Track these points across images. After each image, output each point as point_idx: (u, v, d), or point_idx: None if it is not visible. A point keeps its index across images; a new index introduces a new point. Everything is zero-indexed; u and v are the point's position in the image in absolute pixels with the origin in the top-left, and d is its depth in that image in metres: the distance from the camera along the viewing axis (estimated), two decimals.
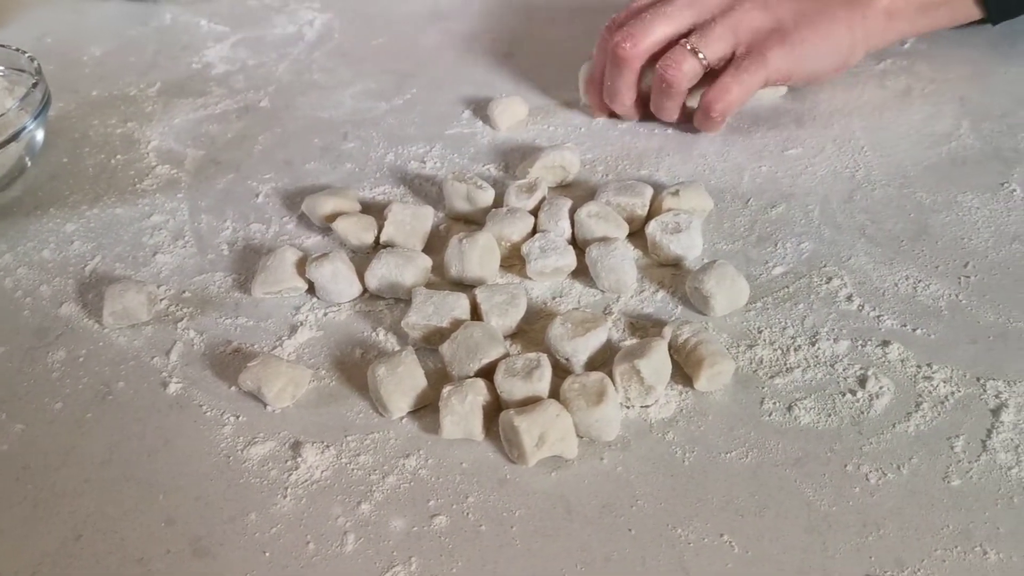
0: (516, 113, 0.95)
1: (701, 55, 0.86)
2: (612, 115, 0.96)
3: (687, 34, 0.87)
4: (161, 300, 0.79)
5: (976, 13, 0.95)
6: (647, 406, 0.68)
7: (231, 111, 1.01)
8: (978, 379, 0.68)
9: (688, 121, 0.93)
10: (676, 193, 0.81)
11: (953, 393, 0.67)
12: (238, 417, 0.69)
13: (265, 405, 0.69)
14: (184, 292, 0.79)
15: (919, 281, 0.76)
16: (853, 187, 0.85)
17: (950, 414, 0.66)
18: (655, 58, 0.88)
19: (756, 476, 0.63)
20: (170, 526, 0.62)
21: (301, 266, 0.77)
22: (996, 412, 0.65)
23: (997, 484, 0.61)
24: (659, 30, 0.86)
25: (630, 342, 0.72)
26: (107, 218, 0.88)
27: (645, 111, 0.93)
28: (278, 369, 0.69)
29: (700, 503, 0.62)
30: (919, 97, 0.95)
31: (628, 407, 0.68)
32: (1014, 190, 0.83)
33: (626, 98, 0.91)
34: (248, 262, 0.82)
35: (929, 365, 0.69)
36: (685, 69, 0.86)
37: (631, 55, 0.86)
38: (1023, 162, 0.86)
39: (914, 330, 0.72)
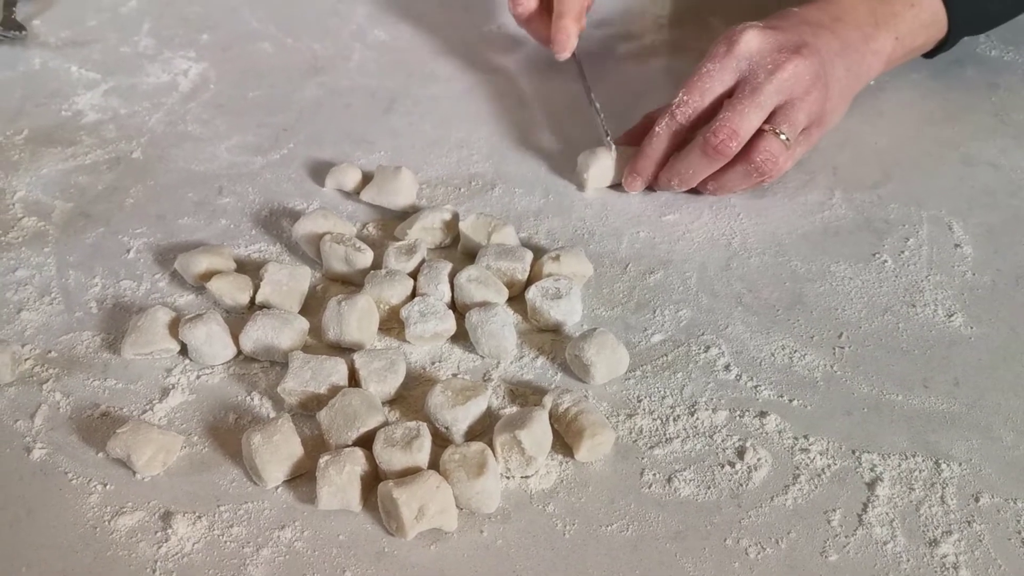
0: (350, 179, 0.94)
1: (785, 137, 0.86)
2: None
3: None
4: (25, 360, 0.76)
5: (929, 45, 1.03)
6: (527, 477, 0.67)
7: (102, 162, 0.98)
8: (853, 451, 0.69)
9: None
10: (556, 258, 0.81)
11: (829, 466, 0.68)
12: (106, 485, 0.66)
13: (134, 473, 0.67)
14: (50, 352, 0.77)
15: (795, 351, 0.77)
16: (730, 254, 0.86)
17: (827, 487, 0.67)
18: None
19: (637, 550, 0.63)
20: None
21: (173, 327, 0.75)
22: (871, 485, 0.66)
23: (873, 559, 0.62)
24: (755, 122, 0.86)
25: (510, 410, 0.72)
26: None
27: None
28: (148, 435, 0.67)
29: None
30: (793, 165, 0.96)
31: (508, 477, 0.67)
32: (885, 261, 0.85)
33: (695, 183, 0.91)
34: (118, 321, 0.79)
35: (806, 437, 0.70)
36: (781, 162, 0.87)
37: (733, 152, 0.86)
38: (893, 233, 0.88)
39: (791, 401, 0.73)
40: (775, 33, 0.88)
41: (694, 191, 0.93)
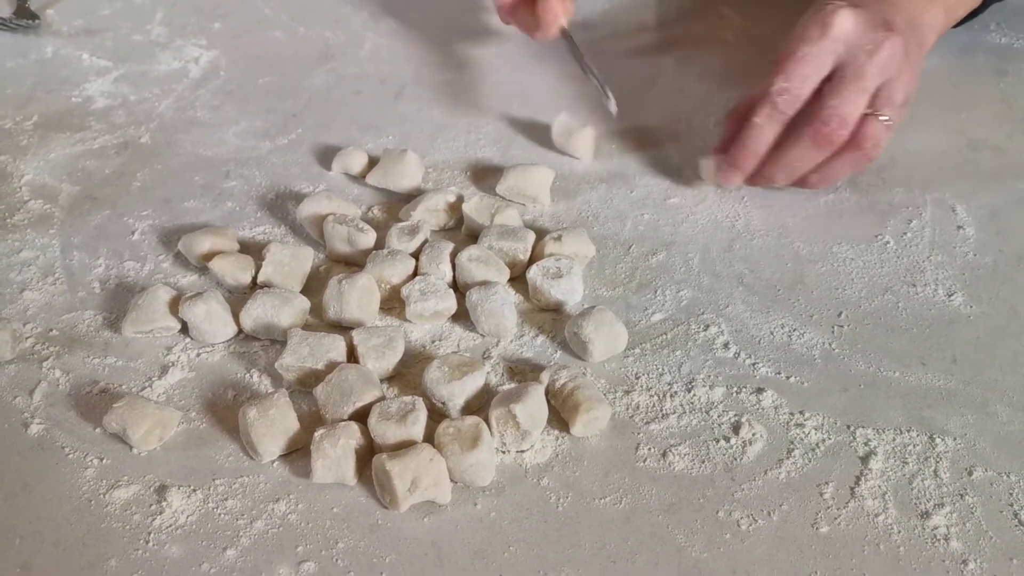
0: (356, 163, 0.95)
1: (886, 119, 0.84)
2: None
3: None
4: (26, 338, 0.77)
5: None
6: (523, 451, 0.68)
7: (110, 147, 0.99)
8: (848, 427, 0.69)
9: None
10: (559, 238, 0.81)
11: (824, 440, 0.68)
12: (102, 460, 0.67)
13: (131, 448, 0.68)
14: (51, 330, 0.77)
15: (794, 330, 0.77)
16: (733, 236, 0.86)
17: (820, 461, 0.67)
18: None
19: (629, 522, 0.63)
20: (26, 572, 0.60)
21: (174, 305, 0.76)
22: (865, 459, 0.67)
23: (864, 531, 0.62)
24: (861, 107, 0.83)
25: (508, 386, 0.72)
26: None
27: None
28: (145, 410, 0.67)
29: (573, 549, 0.62)
30: None
31: (504, 452, 0.67)
32: (887, 242, 0.85)
33: (801, 174, 0.88)
34: (120, 300, 0.80)
35: (801, 412, 0.70)
36: (883, 145, 0.85)
37: (843, 140, 0.83)
38: (896, 215, 0.88)
39: (788, 378, 0.73)
40: (863, 12, 0.85)
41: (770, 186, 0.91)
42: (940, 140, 0.98)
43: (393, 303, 0.79)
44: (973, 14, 1.02)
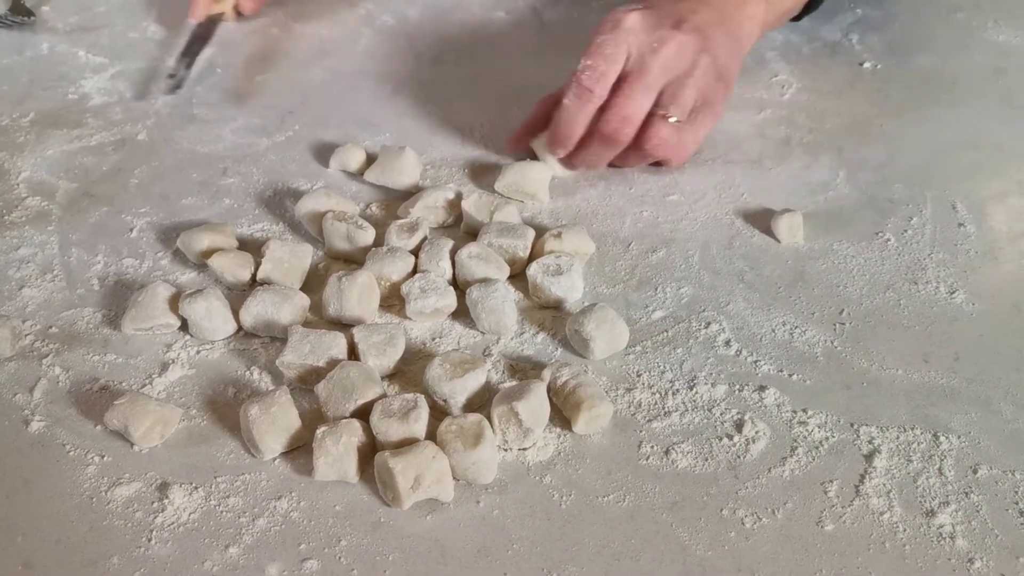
0: (354, 160, 0.94)
1: (674, 119, 0.86)
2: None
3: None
4: (26, 335, 0.76)
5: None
6: (525, 449, 0.67)
7: (107, 143, 0.98)
8: (852, 424, 0.69)
9: None
10: (558, 235, 0.81)
11: (827, 438, 0.68)
12: (103, 457, 0.67)
13: (132, 445, 0.67)
14: (51, 327, 0.77)
15: (795, 327, 0.76)
16: (733, 233, 0.86)
17: (824, 459, 0.66)
18: None
19: (633, 520, 0.63)
20: (27, 570, 0.60)
21: (174, 302, 0.76)
22: (869, 457, 0.66)
23: (870, 529, 0.62)
24: (646, 104, 0.86)
25: (509, 384, 0.72)
26: None
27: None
28: (146, 407, 0.67)
29: (576, 547, 0.61)
30: (798, 147, 0.96)
31: (506, 449, 0.67)
32: (888, 239, 0.85)
33: (602, 166, 0.92)
34: (119, 297, 0.79)
35: (804, 410, 0.70)
36: (674, 144, 0.87)
37: (628, 137, 0.86)
38: (897, 212, 0.88)
39: (790, 375, 0.73)
40: (652, 12, 0.87)
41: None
42: (940, 137, 0.98)
43: (393, 300, 0.79)
44: (808, 10, 1.06)
